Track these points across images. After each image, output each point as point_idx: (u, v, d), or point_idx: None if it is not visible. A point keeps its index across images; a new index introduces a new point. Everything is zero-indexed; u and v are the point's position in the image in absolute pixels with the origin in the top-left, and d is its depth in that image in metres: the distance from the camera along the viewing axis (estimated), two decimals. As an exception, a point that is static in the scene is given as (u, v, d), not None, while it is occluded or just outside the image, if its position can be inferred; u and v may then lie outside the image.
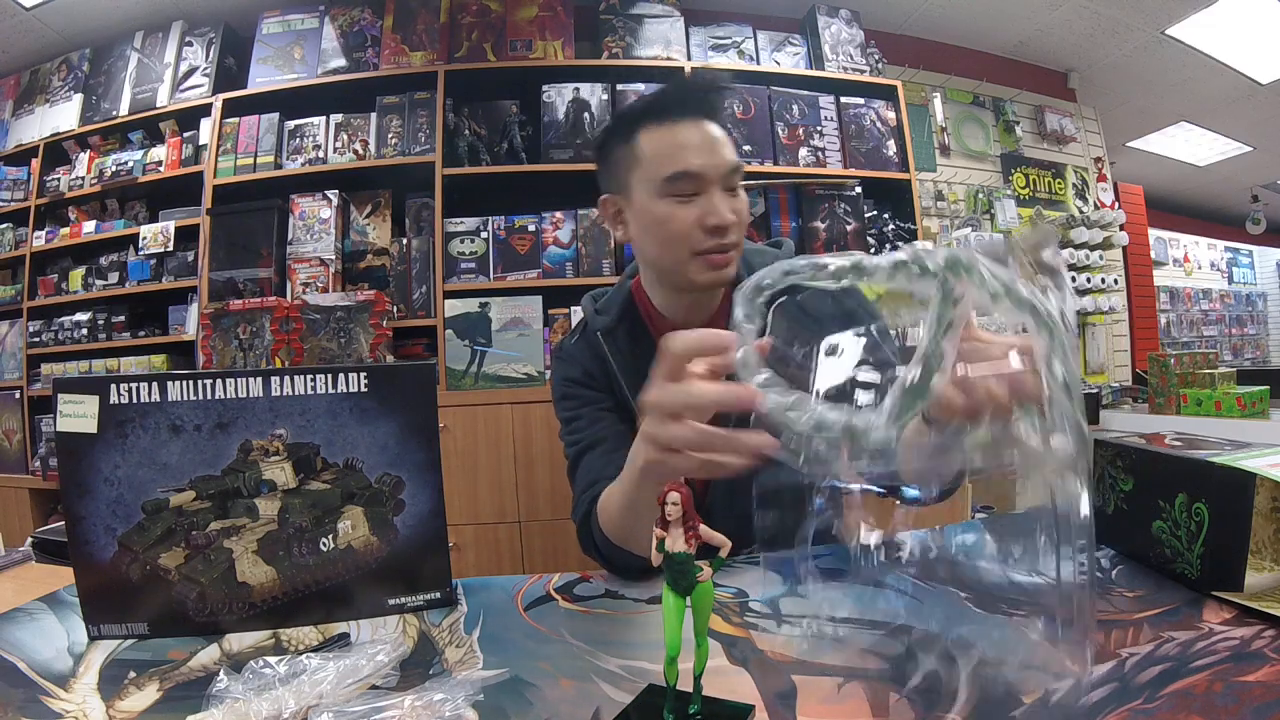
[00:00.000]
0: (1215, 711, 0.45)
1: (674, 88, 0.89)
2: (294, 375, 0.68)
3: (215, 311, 2.23)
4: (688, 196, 0.85)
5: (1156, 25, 3.08)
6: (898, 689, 0.50)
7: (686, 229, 0.85)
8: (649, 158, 0.86)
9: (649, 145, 0.87)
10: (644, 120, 0.87)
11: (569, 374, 1.00)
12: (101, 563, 0.65)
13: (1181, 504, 0.64)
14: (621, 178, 0.91)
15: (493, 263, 2.38)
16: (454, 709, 0.49)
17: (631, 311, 0.99)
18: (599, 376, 0.98)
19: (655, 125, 0.86)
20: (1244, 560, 0.62)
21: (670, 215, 0.86)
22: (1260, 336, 6.29)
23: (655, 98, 0.89)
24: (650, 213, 0.87)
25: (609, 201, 0.95)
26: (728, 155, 0.86)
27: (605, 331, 0.97)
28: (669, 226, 0.86)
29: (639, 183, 0.88)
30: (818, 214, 2.55)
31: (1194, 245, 5.74)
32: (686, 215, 0.85)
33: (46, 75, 2.86)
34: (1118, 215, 3.35)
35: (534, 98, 2.48)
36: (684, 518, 0.45)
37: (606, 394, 0.98)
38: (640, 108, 0.90)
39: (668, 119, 0.86)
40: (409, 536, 0.71)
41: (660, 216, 0.86)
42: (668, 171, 0.85)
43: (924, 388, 0.42)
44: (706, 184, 0.85)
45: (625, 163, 0.90)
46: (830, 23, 2.78)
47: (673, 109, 0.86)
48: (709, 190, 0.85)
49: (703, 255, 0.86)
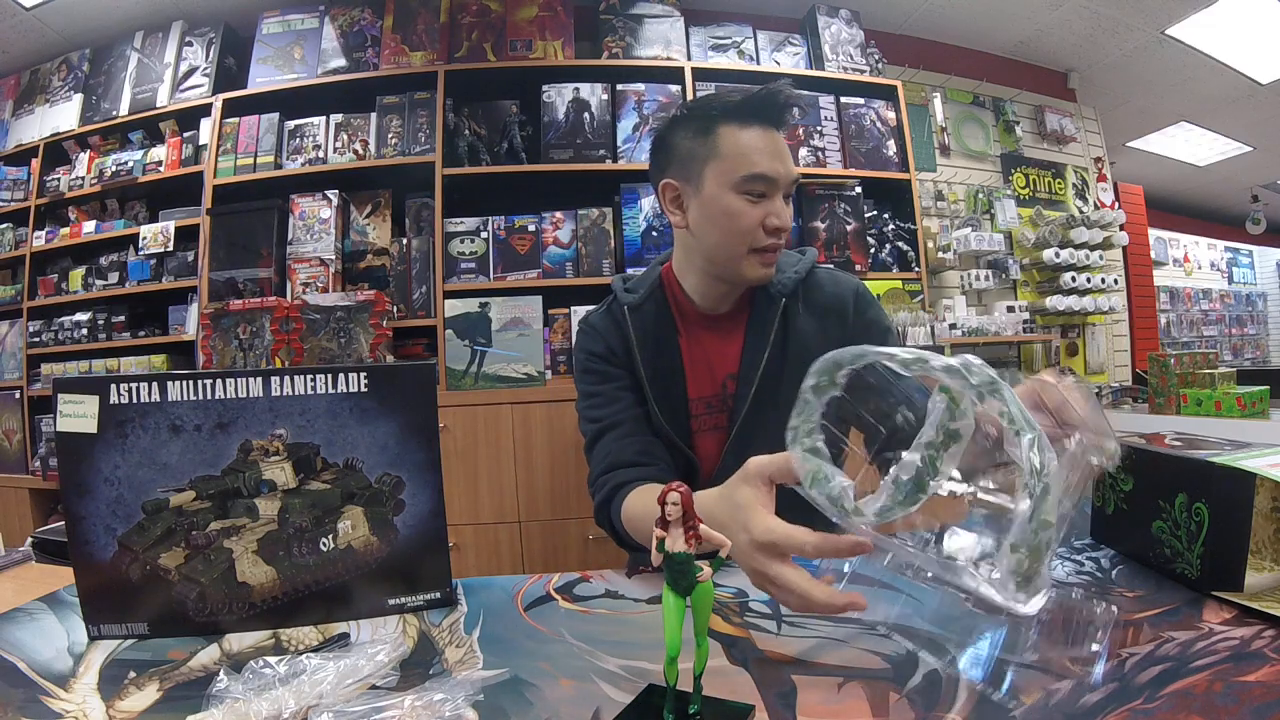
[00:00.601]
0: (1215, 711, 0.45)
1: (763, 94, 0.92)
2: (294, 375, 0.68)
3: (215, 311, 2.23)
4: (757, 197, 0.91)
5: (1156, 25, 3.08)
6: (898, 689, 0.50)
7: (751, 226, 0.92)
8: (729, 154, 0.91)
9: (730, 142, 0.91)
10: (725, 118, 0.91)
11: (592, 348, 1.04)
12: (101, 563, 0.65)
13: (1182, 504, 0.64)
14: (693, 167, 0.94)
15: (493, 263, 2.38)
16: (454, 709, 0.49)
17: (659, 293, 1.04)
18: (620, 353, 1.02)
19: (737, 125, 0.91)
20: (1244, 560, 0.62)
21: (741, 211, 0.91)
22: (1260, 336, 6.29)
23: (742, 99, 0.93)
24: (720, 204, 0.92)
25: (671, 186, 0.98)
26: (794, 167, 0.94)
27: (632, 307, 1.02)
28: (738, 221, 0.92)
29: (714, 175, 0.92)
30: (818, 214, 2.55)
31: (1194, 245, 5.75)
32: (755, 214, 0.91)
33: (46, 75, 2.86)
34: (1118, 215, 3.35)
35: (534, 98, 2.48)
36: (684, 518, 0.45)
37: (626, 371, 1.01)
38: (722, 105, 0.93)
39: (751, 121, 0.91)
40: (409, 536, 0.71)
41: (731, 210, 0.92)
42: (746, 171, 0.90)
43: (912, 499, 0.47)
44: (775, 189, 0.92)
45: (700, 154, 0.93)
46: (830, 23, 2.79)
47: (758, 113, 0.91)
48: (776, 195, 0.92)
49: (758, 252, 0.93)
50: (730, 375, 1.01)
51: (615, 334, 1.03)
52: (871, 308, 1.05)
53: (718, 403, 1.01)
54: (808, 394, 0.55)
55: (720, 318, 1.02)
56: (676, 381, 1.00)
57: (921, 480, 0.47)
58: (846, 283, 1.05)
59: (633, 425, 0.98)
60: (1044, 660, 0.51)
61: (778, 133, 0.92)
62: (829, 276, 1.05)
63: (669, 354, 1.01)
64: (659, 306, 1.03)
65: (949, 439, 0.46)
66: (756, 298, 1.01)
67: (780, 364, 0.98)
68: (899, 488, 0.47)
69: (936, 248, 2.86)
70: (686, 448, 1.00)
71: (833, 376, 0.54)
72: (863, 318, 1.03)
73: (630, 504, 0.87)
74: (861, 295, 1.04)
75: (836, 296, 1.02)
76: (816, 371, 0.55)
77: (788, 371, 0.98)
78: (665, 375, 1.00)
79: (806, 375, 0.56)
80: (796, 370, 0.96)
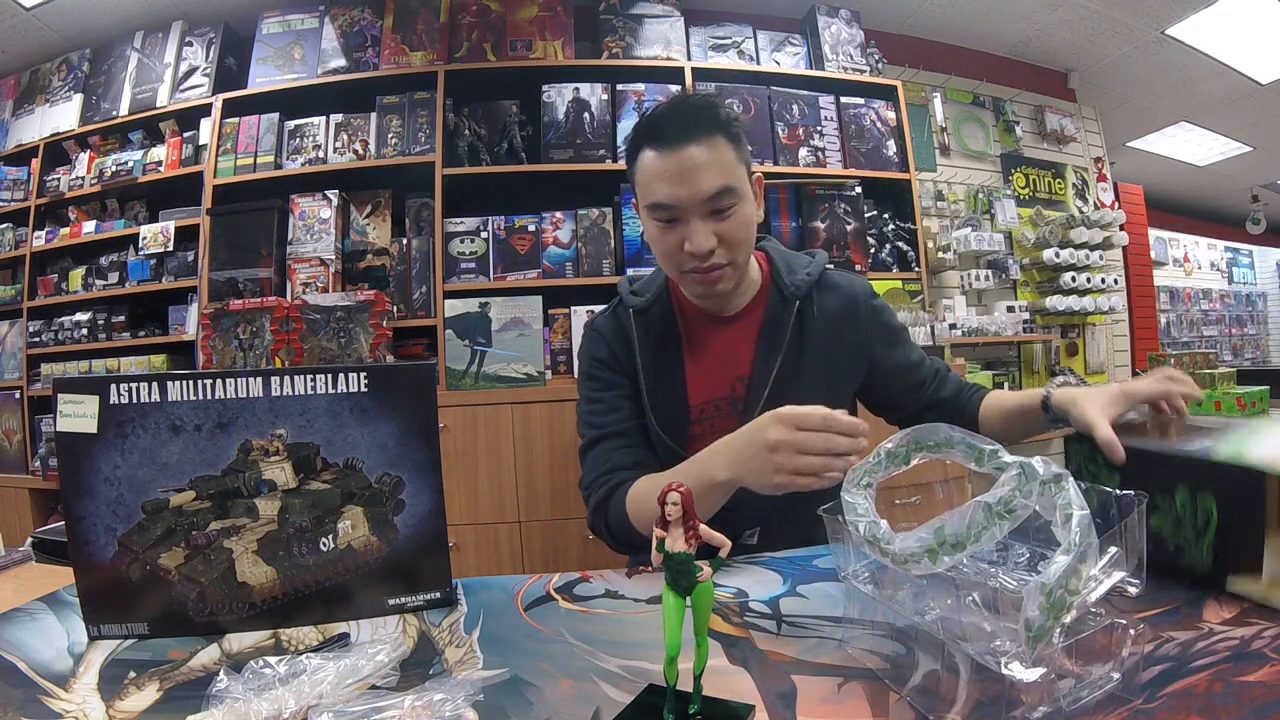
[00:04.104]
0: (1215, 711, 0.45)
1: (667, 107, 0.91)
2: (294, 375, 0.68)
3: (215, 311, 2.23)
4: (668, 223, 0.90)
5: (1156, 25, 3.08)
6: (898, 689, 0.50)
7: (669, 251, 0.91)
8: (640, 182, 0.91)
9: (641, 169, 0.90)
10: (645, 139, 0.90)
11: (596, 353, 1.04)
12: (101, 563, 0.65)
13: (1184, 498, 0.63)
14: (634, 191, 0.96)
15: (493, 263, 2.38)
16: (454, 709, 0.49)
17: (665, 296, 1.04)
18: (622, 358, 1.02)
19: (650, 147, 0.89)
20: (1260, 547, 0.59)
21: (657, 238, 0.92)
22: (1260, 336, 6.29)
23: (648, 120, 0.91)
24: (648, 231, 0.94)
25: (636, 206, 0.99)
26: (708, 184, 0.86)
27: (638, 311, 1.01)
28: (657, 248, 0.93)
29: (639, 201, 0.94)
30: (818, 214, 2.55)
31: (1194, 245, 5.75)
32: (670, 240, 0.90)
33: (46, 75, 2.86)
34: (1118, 215, 3.34)
35: (534, 98, 2.48)
36: (684, 518, 0.45)
37: (628, 379, 1.01)
38: (639, 128, 0.92)
39: (658, 142, 0.87)
40: (409, 536, 0.71)
41: (651, 237, 0.93)
42: (647, 201, 0.90)
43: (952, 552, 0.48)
44: (684, 213, 0.88)
45: (632, 179, 0.95)
46: (830, 23, 2.78)
47: (663, 132, 0.87)
48: (689, 218, 0.88)
49: (689, 273, 0.92)
50: (740, 377, 1.00)
51: (619, 338, 1.02)
52: (885, 310, 1.07)
53: (726, 405, 1.00)
54: (882, 453, 0.58)
55: (730, 319, 1.02)
56: (677, 386, 0.99)
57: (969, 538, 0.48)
58: (859, 285, 1.06)
59: (631, 436, 0.98)
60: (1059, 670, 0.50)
61: (699, 145, 0.85)
62: (842, 278, 1.05)
63: (671, 358, 1.01)
64: (664, 310, 1.02)
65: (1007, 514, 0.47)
66: (770, 299, 1.01)
67: (795, 365, 0.98)
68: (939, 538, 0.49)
69: (936, 248, 2.86)
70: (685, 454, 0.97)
71: (909, 454, 0.57)
72: (877, 319, 1.04)
73: (637, 488, 0.88)
74: (874, 298, 1.06)
75: (850, 299, 1.03)
76: (899, 441, 0.58)
77: (802, 372, 0.98)
78: (665, 380, 0.99)
79: (891, 438, 0.59)
80: (811, 372, 1.00)
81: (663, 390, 0.99)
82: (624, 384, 1.01)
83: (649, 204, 0.89)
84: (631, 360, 1.00)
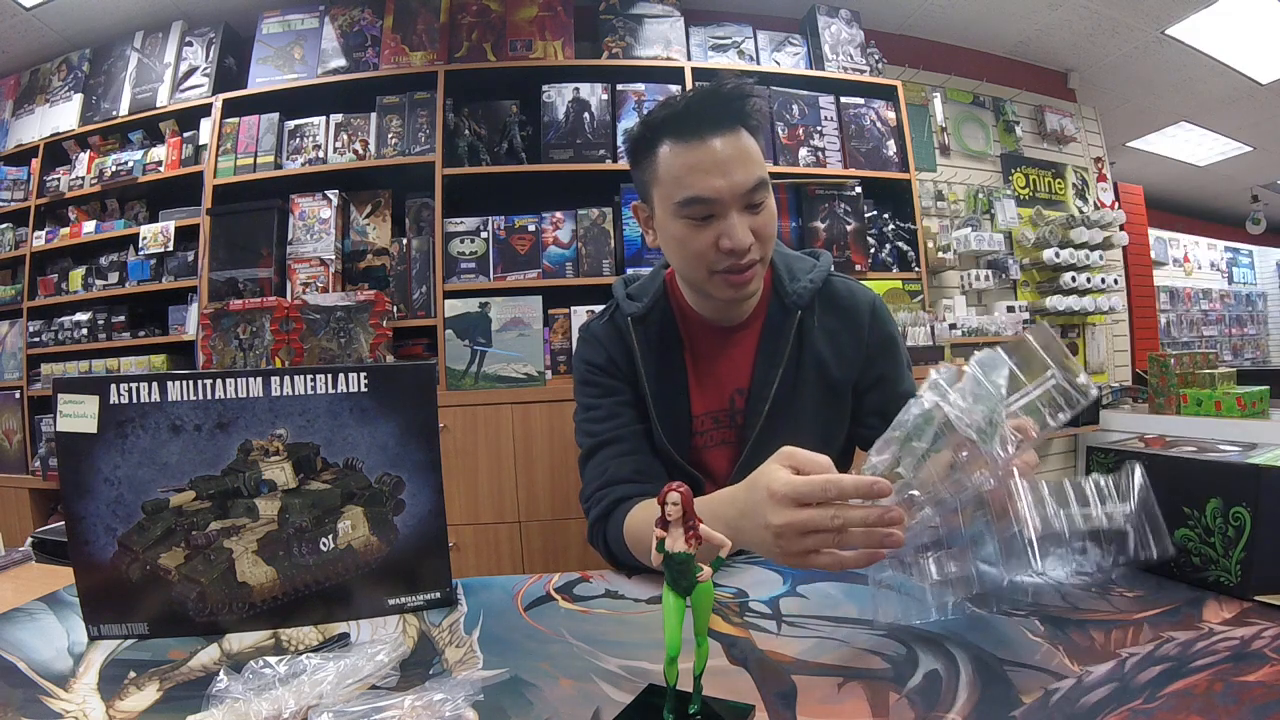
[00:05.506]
0: (1215, 711, 0.45)
1: (695, 98, 0.83)
2: (294, 375, 0.68)
3: (215, 311, 2.23)
4: (702, 219, 0.83)
5: (1156, 25, 3.08)
6: (898, 689, 0.50)
7: (702, 250, 0.84)
8: (666, 178, 0.85)
9: (666, 164, 0.84)
10: (664, 133, 0.84)
11: (593, 359, 0.99)
12: (101, 563, 0.65)
13: (1215, 510, 0.62)
14: (647, 189, 0.90)
15: (493, 263, 2.38)
16: (454, 709, 0.49)
17: (664, 303, 0.99)
18: (622, 364, 0.97)
19: (674, 140, 0.83)
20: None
21: (686, 237, 0.84)
22: (1260, 336, 6.29)
23: (676, 108, 0.84)
24: (669, 230, 0.87)
25: (639, 208, 0.94)
26: (745, 176, 0.82)
27: (636, 319, 0.97)
28: (687, 247, 0.85)
29: (659, 199, 0.87)
30: (818, 214, 2.55)
31: (1194, 245, 5.74)
32: (703, 238, 0.84)
33: (46, 75, 2.86)
34: (1118, 215, 3.34)
35: (534, 98, 2.48)
36: (684, 518, 0.45)
37: (627, 385, 0.97)
38: (661, 118, 0.85)
39: (686, 135, 0.82)
40: (409, 536, 0.71)
41: (678, 237, 0.85)
42: (681, 196, 0.83)
43: None
44: (722, 208, 0.82)
45: (647, 176, 0.88)
46: (830, 23, 2.78)
47: (692, 124, 0.82)
48: (727, 213, 0.82)
49: (721, 274, 0.85)
50: (738, 390, 0.96)
51: (618, 345, 0.98)
52: (888, 322, 1.01)
53: (725, 418, 0.97)
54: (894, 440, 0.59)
55: (730, 329, 0.97)
56: (681, 397, 0.96)
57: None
58: (863, 295, 1.00)
59: (631, 443, 0.94)
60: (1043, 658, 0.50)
61: (727, 137, 0.82)
62: (845, 287, 1.00)
63: (674, 368, 0.96)
64: (664, 317, 0.98)
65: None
66: (770, 309, 0.96)
67: (795, 378, 0.94)
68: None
69: (936, 248, 2.86)
70: (688, 464, 0.96)
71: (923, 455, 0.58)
72: (878, 333, 0.98)
73: (633, 518, 0.82)
74: (878, 310, 1.00)
75: (854, 310, 0.98)
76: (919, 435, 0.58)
77: (802, 386, 0.94)
78: (669, 390, 0.96)
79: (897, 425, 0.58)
80: (812, 384, 0.96)
81: (667, 399, 0.95)
82: (623, 389, 0.97)
83: (684, 199, 0.82)
84: (632, 367, 0.97)
